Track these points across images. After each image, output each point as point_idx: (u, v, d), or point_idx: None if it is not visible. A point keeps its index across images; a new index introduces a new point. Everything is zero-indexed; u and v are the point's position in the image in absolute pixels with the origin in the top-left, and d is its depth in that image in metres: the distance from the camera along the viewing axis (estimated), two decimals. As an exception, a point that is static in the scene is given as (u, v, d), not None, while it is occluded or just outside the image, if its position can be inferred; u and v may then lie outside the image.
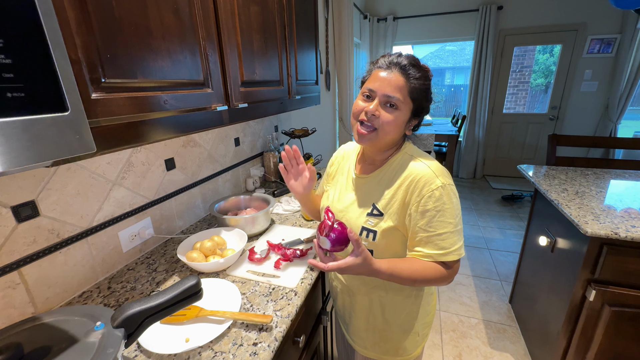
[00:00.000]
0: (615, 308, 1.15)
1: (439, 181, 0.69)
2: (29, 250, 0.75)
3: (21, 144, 0.37)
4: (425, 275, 0.70)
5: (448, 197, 0.69)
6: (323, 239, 0.68)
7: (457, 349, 1.75)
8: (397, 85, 0.69)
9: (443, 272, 0.71)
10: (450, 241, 0.69)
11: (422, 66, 0.73)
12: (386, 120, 0.70)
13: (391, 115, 0.71)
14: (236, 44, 0.93)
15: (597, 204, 1.29)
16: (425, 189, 0.69)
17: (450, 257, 0.70)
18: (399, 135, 0.76)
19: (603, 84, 3.87)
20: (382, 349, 0.88)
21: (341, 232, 0.67)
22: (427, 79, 0.73)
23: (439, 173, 0.71)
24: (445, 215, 0.69)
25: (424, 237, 0.70)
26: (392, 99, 0.70)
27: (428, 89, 0.73)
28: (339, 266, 0.67)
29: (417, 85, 0.71)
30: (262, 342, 0.70)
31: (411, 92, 0.70)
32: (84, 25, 0.51)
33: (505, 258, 2.62)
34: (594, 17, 3.67)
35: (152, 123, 0.66)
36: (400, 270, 0.70)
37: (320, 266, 0.69)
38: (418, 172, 0.71)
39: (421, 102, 0.73)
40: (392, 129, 0.72)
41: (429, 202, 0.69)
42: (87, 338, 0.47)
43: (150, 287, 0.90)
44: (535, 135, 4.39)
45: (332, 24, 2.90)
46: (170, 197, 1.18)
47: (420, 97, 0.72)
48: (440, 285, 0.82)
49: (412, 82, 0.70)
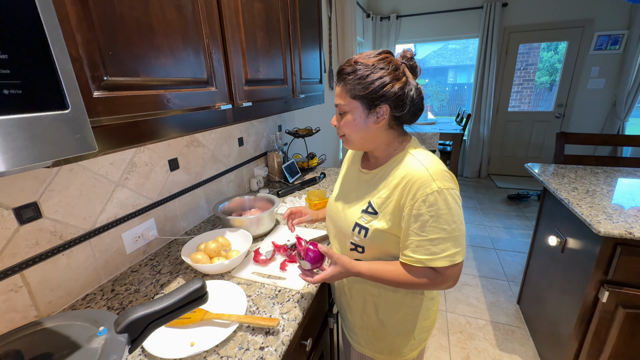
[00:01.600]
0: (629, 310, 1.12)
1: (435, 185, 0.67)
2: (31, 252, 0.74)
3: (19, 143, 0.36)
4: (410, 278, 0.71)
5: (444, 202, 0.66)
6: (303, 262, 0.77)
7: (464, 351, 1.73)
8: (338, 93, 0.75)
9: (431, 278, 0.70)
10: (442, 247, 0.67)
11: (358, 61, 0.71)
12: (342, 126, 0.76)
13: (342, 120, 0.76)
14: (240, 42, 0.91)
15: (608, 203, 1.26)
16: (420, 192, 0.67)
17: (439, 262, 0.67)
18: (372, 133, 0.74)
19: (610, 81, 3.81)
20: (376, 348, 0.88)
21: (314, 250, 0.76)
22: (359, 71, 0.70)
23: (437, 176, 0.68)
24: (439, 221, 0.67)
25: (415, 240, 0.69)
26: (339, 106, 0.76)
27: (361, 78, 0.70)
28: (323, 278, 0.74)
29: (351, 82, 0.71)
30: (269, 346, 0.68)
31: (349, 92, 0.72)
32: (85, 21, 0.50)
33: (513, 258, 2.58)
34: (601, 12, 3.61)
35: (155, 122, 0.65)
36: (381, 272, 0.73)
37: (309, 280, 0.76)
38: (414, 175, 0.69)
39: (364, 95, 0.70)
40: (350, 130, 0.75)
41: (422, 207, 0.67)
42: (89, 344, 0.45)
43: (155, 290, 0.88)
44: (541, 133, 4.34)
45: (335, 23, 2.88)
46: (174, 197, 1.17)
47: (360, 91, 0.70)
48: (433, 290, 0.81)
49: (347, 85, 0.72)
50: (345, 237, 0.81)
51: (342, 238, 0.83)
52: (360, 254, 0.78)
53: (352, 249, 0.79)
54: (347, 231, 0.79)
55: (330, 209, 0.89)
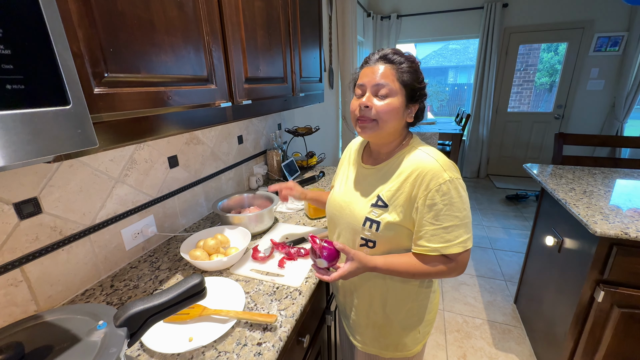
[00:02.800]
0: (624, 309, 1.13)
1: (447, 175, 0.70)
2: (31, 247, 0.74)
3: (21, 137, 0.36)
4: (425, 267, 0.72)
5: (456, 191, 0.70)
6: (319, 260, 0.74)
7: (461, 350, 1.74)
8: (384, 73, 0.71)
9: (446, 265, 0.73)
10: (455, 234, 0.70)
11: (405, 54, 0.74)
12: (381, 109, 0.71)
13: (384, 102, 0.71)
14: (240, 40, 0.92)
15: (605, 204, 1.27)
16: (433, 182, 0.70)
17: (454, 249, 0.71)
18: (400, 124, 0.75)
19: (610, 82, 3.82)
20: (382, 345, 0.88)
21: (330, 248, 0.73)
22: (413, 62, 0.73)
23: (447, 167, 0.71)
24: (452, 209, 0.69)
25: (430, 230, 0.71)
26: (381, 86, 0.71)
27: (417, 71, 0.73)
28: (341, 274, 0.72)
29: (404, 69, 0.71)
30: (266, 342, 0.69)
31: (399, 77, 0.71)
32: (87, 18, 0.50)
33: (510, 258, 2.60)
34: (601, 14, 3.62)
35: (155, 119, 0.65)
36: (397, 264, 0.74)
37: (326, 279, 0.74)
38: (425, 166, 0.71)
39: (413, 85, 0.72)
40: (389, 116, 0.72)
41: (436, 196, 0.69)
42: (89, 337, 0.46)
43: (154, 286, 0.89)
44: (540, 134, 4.34)
45: (335, 22, 2.88)
46: (174, 194, 1.17)
47: (410, 80, 0.72)
48: (446, 277, 0.81)
49: (398, 68, 0.71)
50: (354, 233, 0.81)
51: (350, 234, 0.82)
52: (371, 249, 0.78)
53: (363, 244, 0.79)
54: (356, 227, 0.79)
55: (332, 207, 0.89)
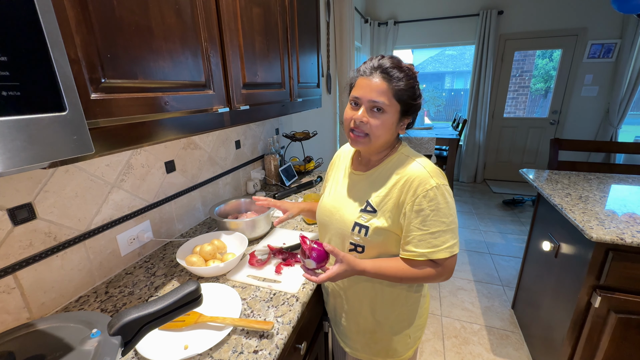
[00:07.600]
0: (621, 315, 1.13)
1: (434, 181, 0.71)
2: (25, 253, 0.73)
3: (17, 144, 0.36)
4: (413, 272, 0.73)
5: (442, 197, 0.71)
6: (308, 261, 0.74)
7: (459, 356, 1.73)
8: (380, 89, 0.70)
9: (433, 269, 0.74)
10: (442, 239, 0.71)
11: (404, 66, 0.73)
12: (374, 125, 0.72)
13: (378, 119, 0.72)
14: (238, 46, 0.92)
15: (601, 209, 1.28)
16: (420, 188, 0.71)
17: (441, 254, 0.71)
18: (392, 136, 0.77)
19: (603, 88, 3.87)
20: (373, 350, 0.88)
21: (319, 250, 0.74)
22: (410, 78, 0.72)
23: (434, 174, 0.73)
24: (439, 214, 0.71)
25: (418, 235, 0.72)
26: (377, 104, 0.71)
27: (413, 88, 0.73)
28: (328, 276, 0.73)
29: (401, 86, 0.71)
30: (263, 349, 0.68)
31: (396, 94, 0.71)
32: (84, 24, 0.50)
33: (507, 263, 2.60)
34: (595, 22, 3.68)
35: (152, 125, 0.65)
36: (385, 268, 0.74)
37: (313, 279, 0.74)
38: (413, 173, 0.73)
39: (407, 102, 0.73)
40: (382, 132, 0.73)
41: (423, 202, 0.71)
42: (82, 346, 0.45)
43: (149, 292, 0.88)
44: (536, 139, 4.38)
45: (333, 28, 2.91)
46: (170, 200, 1.16)
47: (405, 97, 0.72)
48: (434, 282, 0.82)
49: (395, 84, 0.70)
50: (343, 237, 0.81)
51: (339, 239, 0.83)
52: (360, 253, 0.79)
53: (352, 249, 0.80)
54: (345, 232, 0.80)
55: (322, 212, 0.89)
